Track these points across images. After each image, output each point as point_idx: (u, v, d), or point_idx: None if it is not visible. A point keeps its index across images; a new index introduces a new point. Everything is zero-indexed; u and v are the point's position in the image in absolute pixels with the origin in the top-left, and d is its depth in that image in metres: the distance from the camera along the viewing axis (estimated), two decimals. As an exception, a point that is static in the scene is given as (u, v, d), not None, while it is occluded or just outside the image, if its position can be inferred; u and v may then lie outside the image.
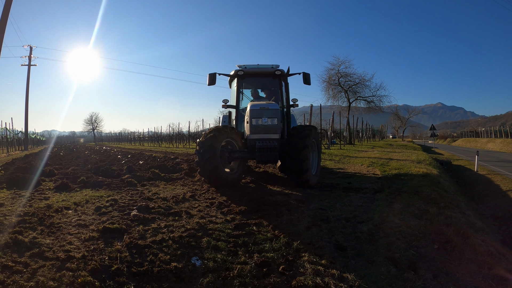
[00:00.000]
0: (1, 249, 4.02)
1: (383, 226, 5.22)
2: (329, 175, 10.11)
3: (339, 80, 36.81)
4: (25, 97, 37.11)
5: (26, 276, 3.38)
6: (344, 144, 28.54)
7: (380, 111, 39.37)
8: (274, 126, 8.38)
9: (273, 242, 4.53)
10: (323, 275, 3.68)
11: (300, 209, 6.12)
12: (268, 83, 10.28)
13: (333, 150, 21.30)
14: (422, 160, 14.98)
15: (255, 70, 9.70)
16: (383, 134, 71.46)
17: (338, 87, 37.11)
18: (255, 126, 8.36)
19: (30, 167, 11.49)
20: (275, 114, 8.36)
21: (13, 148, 32.73)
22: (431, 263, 4.15)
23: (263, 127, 8.33)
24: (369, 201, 6.68)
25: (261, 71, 9.75)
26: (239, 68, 9.65)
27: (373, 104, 37.69)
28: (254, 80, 10.23)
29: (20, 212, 5.61)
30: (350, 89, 36.87)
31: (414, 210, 6.09)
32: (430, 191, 7.56)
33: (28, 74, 37.41)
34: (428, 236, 4.88)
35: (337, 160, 14.54)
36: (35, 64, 38.94)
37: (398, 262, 4.08)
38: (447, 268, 4.05)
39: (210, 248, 4.23)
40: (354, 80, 36.83)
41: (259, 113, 8.34)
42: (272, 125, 8.33)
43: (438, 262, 4.18)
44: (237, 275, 3.57)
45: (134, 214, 5.58)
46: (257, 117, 8.32)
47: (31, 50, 38.60)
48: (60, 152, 24.29)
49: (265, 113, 8.31)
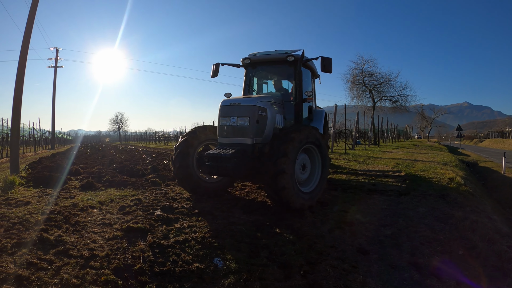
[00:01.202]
0: (27, 246, 4.11)
1: (407, 230, 5.13)
2: (353, 177, 9.97)
3: (363, 79, 36.34)
4: (52, 98, 38.08)
5: (51, 273, 3.46)
6: (368, 145, 28.11)
7: (405, 111, 38.61)
8: (245, 128, 6.57)
9: (295, 244, 4.50)
10: (346, 279, 3.64)
11: (323, 211, 6.07)
12: (282, 72, 8.71)
13: (358, 150, 21.02)
14: (448, 161, 14.64)
15: (264, 57, 8.23)
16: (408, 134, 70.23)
17: (363, 86, 36.63)
18: (222, 127, 6.86)
19: (56, 166, 11.77)
20: (247, 113, 6.54)
21: (40, 147, 33.48)
22: (455, 269, 4.04)
23: (231, 128, 6.70)
24: (394, 204, 6.56)
25: (270, 57, 8.18)
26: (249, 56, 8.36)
27: (398, 103, 37.03)
28: (266, 69, 8.79)
29: (46, 210, 5.73)
30: (374, 88, 36.33)
31: (439, 214, 5.95)
32: (456, 194, 7.38)
33: (54, 75, 38.24)
34: (453, 242, 4.77)
35: (362, 161, 14.34)
36: (61, 66, 39.77)
37: (422, 268, 4.01)
38: (471, 275, 3.95)
39: (232, 249, 4.23)
40: (378, 79, 36.26)
41: (227, 111, 6.78)
42: (242, 126, 6.57)
43: (463, 269, 4.08)
44: (259, 277, 3.55)
45: (158, 214, 5.63)
46: (225, 116, 6.80)
47: (57, 53, 39.41)
48: (86, 151, 24.77)
49: (235, 111, 6.66)
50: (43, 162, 14.37)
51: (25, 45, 10.83)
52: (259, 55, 8.24)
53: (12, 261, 3.71)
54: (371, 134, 30.39)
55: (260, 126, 6.69)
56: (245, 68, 8.61)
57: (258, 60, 8.27)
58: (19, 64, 10.73)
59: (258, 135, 6.65)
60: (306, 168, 6.76)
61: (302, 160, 6.66)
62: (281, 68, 8.46)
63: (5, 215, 5.43)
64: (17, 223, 5.00)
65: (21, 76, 10.70)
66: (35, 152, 26.96)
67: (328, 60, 7.37)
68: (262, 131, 6.75)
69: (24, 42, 10.84)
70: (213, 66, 8.34)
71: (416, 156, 17.04)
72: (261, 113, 6.70)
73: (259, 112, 6.66)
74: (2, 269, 3.48)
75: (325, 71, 7.40)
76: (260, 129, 6.70)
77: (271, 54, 8.14)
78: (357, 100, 37.67)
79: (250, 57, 8.23)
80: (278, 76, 8.88)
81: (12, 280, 3.27)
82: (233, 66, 8.77)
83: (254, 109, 6.57)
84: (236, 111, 6.65)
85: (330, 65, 7.37)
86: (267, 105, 6.90)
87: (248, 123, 6.53)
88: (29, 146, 31.91)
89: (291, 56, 7.51)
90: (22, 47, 10.81)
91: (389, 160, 14.38)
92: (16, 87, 10.58)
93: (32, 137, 32.54)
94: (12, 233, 4.58)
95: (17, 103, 10.54)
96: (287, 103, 7.93)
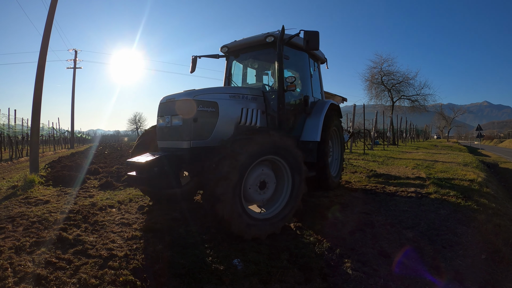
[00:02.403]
0: (46, 245, 4.13)
1: (429, 233, 5.02)
2: (373, 178, 9.83)
3: (382, 78, 36.07)
4: (71, 98, 38.71)
5: (69, 273, 3.46)
6: (387, 145, 27.84)
7: (424, 111, 38.17)
8: (179, 129, 5.22)
9: (315, 246, 4.44)
10: (367, 282, 3.58)
11: (344, 213, 5.97)
12: (269, 58, 7.42)
13: (377, 151, 20.83)
14: (468, 162, 14.39)
15: (243, 42, 7.16)
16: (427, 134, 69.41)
17: (381, 85, 36.38)
18: (159, 129, 5.67)
19: (75, 165, 11.90)
20: (181, 110, 5.20)
21: (59, 146, 34.03)
22: (477, 274, 3.94)
23: (167, 130, 5.44)
24: (415, 206, 6.42)
25: (249, 42, 7.05)
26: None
27: (417, 103, 36.66)
28: (250, 57, 7.58)
29: (65, 209, 5.78)
30: (393, 87, 36.04)
31: (461, 217, 5.81)
32: (478, 196, 7.20)
33: (73, 76, 38.78)
34: (476, 245, 4.64)
35: (381, 161, 14.18)
36: (80, 67, 40.30)
37: (444, 272, 3.92)
38: (493, 280, 3.84)
39: (252, 251, 4.19)
40: (397, 78, 35.98)
41: (163, 108, 5.56)
42: (176, 126, 5.25)
43: (485, 273, 3.97)
44: (279, 279, 3.50)
45: (176, 214, 5.62)
46: (161, 115, 5.60)
47: (76, 54, 39.96)
48: (105, 151, 25.01)
49: (170, 109, 5.39)
50: (63, 161, 14.56)
51: (44, 47, 10.98)
52: (238, 41, 7.26)
53: (30, 260, 3.73)
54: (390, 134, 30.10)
55: (202, 126, 5.25)
56: (226, 58, 7.75)
57: (238, 46, 7.27)
58: (38, 65, 10.89)
59: (199, 136, 5.22)
60: (267, 185, 5.07)
61: (262, 175, 5.01)
62: (264, 53, 7.28)
63: (24, 213, 5.49)
64: (36, 222, 5.05)
65: (40, 77, 10.85)
66: (55, 152, 27.42)
67: (312, 34, 5.82)
68: (207, 131, 5.32)
69: (43, 44, 10.99)
70: (192, 61, 7.64)
71: (436, 157, 16.81)
72: (202, 109, 5.23)
73: (200, 108, 5.20)
74: (21, 268, 3.50)
75: (310, 48, 5.91)
76: (202, 129, 5.26)
77: (250, 38, 7.08)
78: (375, 99, 37.48)
79: (228, 44, 7.35)
80: (265, 63, 7.86)
81: (30, 279, 3.29)
82: (212, 57, 7.87)
83: (190, 105, 5.15)
84: (171, 108, 5.37)
85: (315, 40, 5.84)
86: (219, 99, 5.50)
87: (182, 122, 5.17)
88: (48, 146, 32.48)
89: (270, 36, 6.43)
90: (41, 49, 10.96)
91: (409, 161, 14.21)
92: (36, 88, 10.73)
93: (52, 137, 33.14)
94: (31, 232, 4.62)
95: (37, 104, 10.70)
96: (271, 95, 6.66)
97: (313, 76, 7.92)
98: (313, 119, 7.25)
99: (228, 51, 7.40)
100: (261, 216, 4.91)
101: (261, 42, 6.68)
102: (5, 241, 4.31)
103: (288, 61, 7.06)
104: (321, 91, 8.45)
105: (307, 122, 7.29)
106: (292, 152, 5.11)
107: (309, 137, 7.09)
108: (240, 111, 5.82)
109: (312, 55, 7.94)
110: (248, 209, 4.76)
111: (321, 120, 7.16)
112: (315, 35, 5.81)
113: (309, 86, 7.64)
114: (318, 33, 5.82)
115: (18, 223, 5.01)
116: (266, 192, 5.07)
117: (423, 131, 64.30)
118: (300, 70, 7.67)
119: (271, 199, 5.20)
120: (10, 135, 21.07)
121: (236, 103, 5.80)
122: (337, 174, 8.34)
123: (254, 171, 4.87)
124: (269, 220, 4.86)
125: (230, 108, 5.65)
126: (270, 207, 5.16)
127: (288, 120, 6.84)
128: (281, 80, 6.14)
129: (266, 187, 5.04)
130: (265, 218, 4.88)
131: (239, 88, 6.48)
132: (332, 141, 8.35)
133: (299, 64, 7.58)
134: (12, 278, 3.30)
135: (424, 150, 23.59)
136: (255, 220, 4.69)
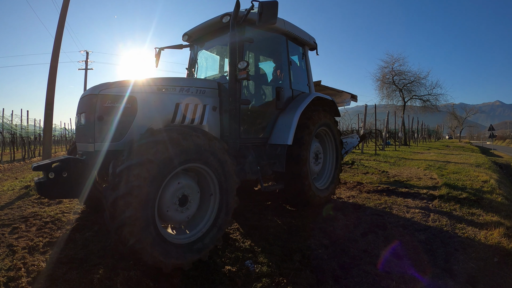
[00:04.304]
0: (59, 245, 4.17)
1: (442, 235, 4.97)
2: (384, 178, 9.76)
3: (393, 78, 35.80)
4: (82, 99, 38.92)
5: (82, 273, 3.50)
6: (399, 145, 27.64)
7: (436, 110, 37.77)
8: (84, 128, 4.15)
9: (328, 248, 4.41)
10: (379, 285, 3.54)
11: (356, 215, 5.93)
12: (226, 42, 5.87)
13: (388, 151, 20.67)
14: (481, 163, 14.23)
15: (200, 27, 6.01)
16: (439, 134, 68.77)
17: (392, 85, 36.10)
18: (76, 129, 4.57)
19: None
20: (85, 107, 4.14)
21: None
22: (490, 277, 3.88)
23: (79, 130, 4.36)
24: (427, 208, 6.36)
25: (207, 25, 5.89)
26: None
27: (429, 103, 36.30)
28: (215, 43, 6.42)
29: (77, 209, 5.80)
30: (404, 87, 35.74)
31: (474, 219, 5.74)
32: (490, 198, 7.12)
33: (85, 77, 39.02)
34: (489, 248, 4.58)
35: (393, 162, 14.07)
36: (92, 68, 40.53)
37: (456, 275, 3.87)
38: (506, 283, 3.79)
39: (264, 252, 4.18)
40: (408, 78, 35.65)
41: (78, 106, 4.44)
42: (83, 125, 4.18)
43: (498, 276, 3.91)
44: (291, 281, 3.49)
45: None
46: (76, 113, 4.49)
47: (87, 55, 40.19)
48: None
49: (79, 106, 4.35)
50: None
51: (56, 48, 11.09)
52: (197, 26, 6.08)
53: (44, 260, 3.76)
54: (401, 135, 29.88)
55: (111, 125, 4.07)
56: (190, 48, 6.71)
57: (197, 32, 6.20)
58: (50, 66, 11.01)
59: (106, 138, 4.05)
60: (189, 198, 3.91)
61: (181, 188, 3.83)
62: (225, 38, 5.79)
63: (37, 214, 5.54)
64: (49, 222, 5.10)
65: (52, 78, 10.96)
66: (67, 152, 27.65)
67: (268, 5, 4.59)
68: (120, 131, 4.09)
69: (55, 45, 11.11)
70: (156, 54, 6.78)
71: (448, 158, 16.65)
72: (110, 105, 4.08)
73: (108, 104, 4.07)
74: (34, 268, 3.54)
75: (264, 22, 4.62)
76: (111, 129, 4.06)
77: (207, 21, 5.88)
78: (387, 99, 37.19)
79: (188, 31, 6.24)
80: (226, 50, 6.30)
81: (43, 279, 3.31)
82: (176, 48, 6.85)
83: (94, 101, 4.04)
84: (80, 105, 4.33)
85: (271, 12, 4.60)
86: (139, 92, 4.30)
87: (85, 120, 4.13)
88: (60, 146, 32.84)
89: (226, 16, 5.27)
90: (53, 50, 11.08)
91: (421, 162, 14.08)
92: (48, 89, 10.85)
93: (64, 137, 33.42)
94: (44, 232, 4.67)
95: (49, 104, 10.81)
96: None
97: (293, 64, 6.55)
98: (286, 117, 5.95)
99: (189, 39, 6.34)
100: (183, 240, 3.82)
101: (219, 24, 5.54)
102: (19, 241, 4.36)
103: (261, 46, 6.19)
104: (308, 83, 7.00)
105: (278, 120, 6.03)
106: (218, 158, 4.04)
107: (277, 140, 5.83)
108: (174, 107, 4.57)
109: (293, 38, 6.57)
110: (164, 232, 3.65)
111: (296, 117, 5.84)
112: (271, 6, 4.59)
113: (287, 75, 6.36)
114: (276, 3, 4.59)
115: (31, 223, 5.07)
116: (189, 208, 3.94)
117: (435, 131, 63.75)
118: (276, 57, 6.52)
119: (194, 217, 4.11)
120: (23, 136, 21.32)
121: (167, 97, 4.55)
122: (328, 186, 6.75)
123: (170, 184, 3.74)
124: (194, 244, 3.83)
125: (156, 103, 4.41)
126: (194, 227, 4.07)
127: (251, 117, 5.72)
128: (233, 67, 4.92)
129: (188, 201, 3.91)
130: (188, 243, 3.83)
131: (178, 79, 4.95)
132: (322, 145, 6.95)
133: (275, 49, 6.41)
134: (25, 278, 3.34)
135: (436, 150, 23.38)
136: (175, 246, 3.63)
